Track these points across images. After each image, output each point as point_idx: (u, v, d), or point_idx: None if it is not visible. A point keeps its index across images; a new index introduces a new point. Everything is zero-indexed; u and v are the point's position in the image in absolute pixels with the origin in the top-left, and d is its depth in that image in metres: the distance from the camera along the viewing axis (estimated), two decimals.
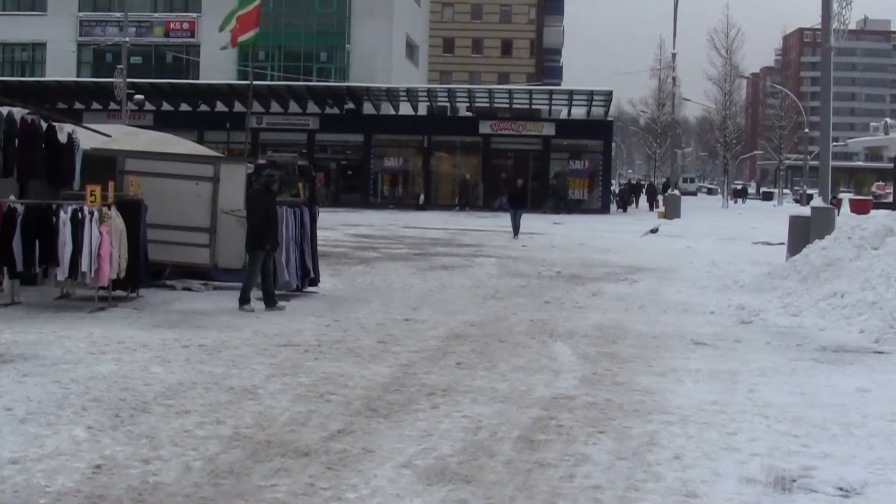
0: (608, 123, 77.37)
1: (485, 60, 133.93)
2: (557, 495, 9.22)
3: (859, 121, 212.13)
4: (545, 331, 18.73)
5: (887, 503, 9.33)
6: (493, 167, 72.71)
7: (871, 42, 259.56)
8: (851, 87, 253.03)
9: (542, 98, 76.50)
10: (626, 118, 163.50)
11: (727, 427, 11.79)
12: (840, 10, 31.67)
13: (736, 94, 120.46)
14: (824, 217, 29.16)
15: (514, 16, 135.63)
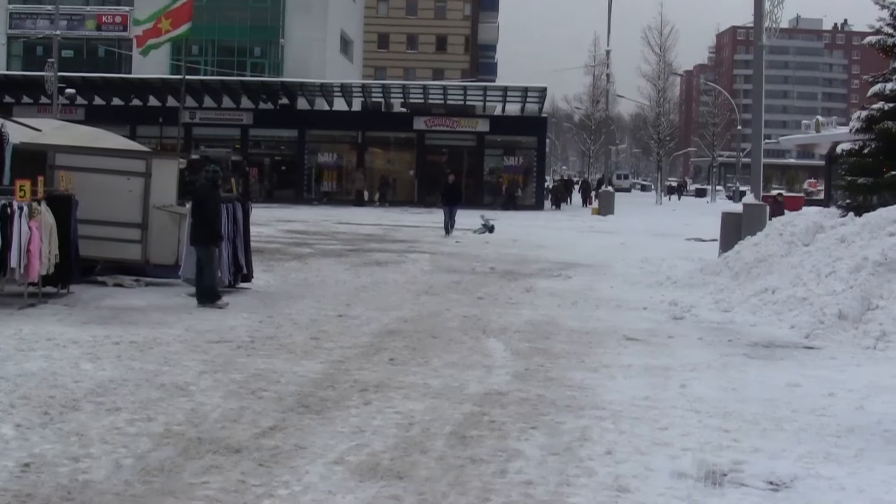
0: (542, 120, 77.58)
1: (419, 56, 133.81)
2: (490, 491, 9.23)
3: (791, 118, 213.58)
4: (478, 327, 18.76)
5: (816, 497, 9.42)
6: (427, 163, 72.69)
7: (803, 41, 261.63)
8: (784, 85, 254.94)
9: (477, 94, 76.52)
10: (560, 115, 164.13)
11: (659, 422, 11.86)
12: (772, 8, 31.95)
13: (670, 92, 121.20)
14: (756, 214, 29.40)
15: (448, 12, 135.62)
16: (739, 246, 25.94)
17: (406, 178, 73.68)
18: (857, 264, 20.42)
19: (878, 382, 14.78)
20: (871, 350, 17.42)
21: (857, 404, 13.33)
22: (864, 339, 18.03)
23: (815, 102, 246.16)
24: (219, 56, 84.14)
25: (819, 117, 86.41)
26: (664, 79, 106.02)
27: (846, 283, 19.99)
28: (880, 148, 36.32)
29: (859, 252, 20.95)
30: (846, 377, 15.08)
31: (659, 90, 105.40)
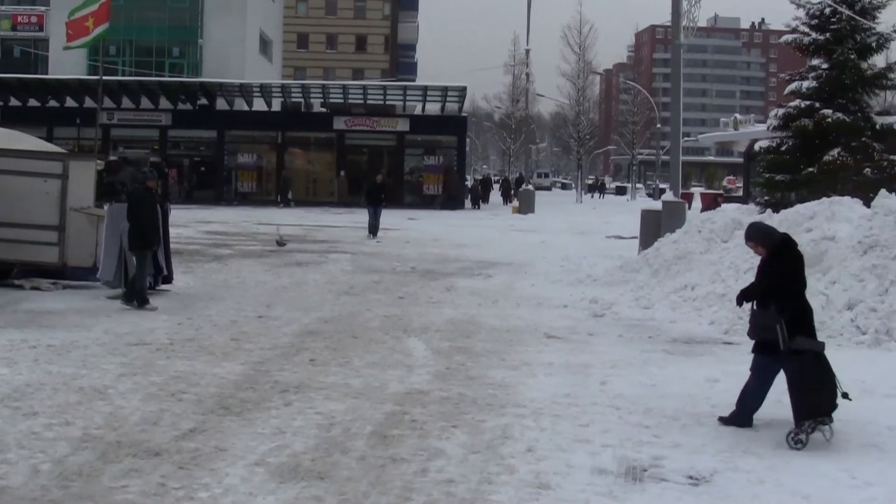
0: (462, 119, 77.59)
1: (339, 56, 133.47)
2: (411, 490, 9.25)
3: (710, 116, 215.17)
4: (399, 326, 18.77)
5: (735, 490, 9.53)
6: (348, 163, 72.50)
7: (721, 39, 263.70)
8: (702, 84, 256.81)
9: (397, 94, 76.43)
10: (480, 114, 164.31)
11: (579, 419, 11.94)
12: (690, 7, 32.18)
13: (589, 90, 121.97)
14: (675, 211, 29.60)
15: (368, 11, 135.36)
16: (659, 243, 26.10)
17: (326, 178, 73.42)
18: None
19: None
20: None
21: (776, 399, 13.40)
22: None
23: (734, 100, 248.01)
24: (137, 56, 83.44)
25: (737, 115, 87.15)
26: (584, 78, 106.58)
27: None
28: (797, 145, 36.76)
29: None
30: None
31: (578, 89, 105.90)
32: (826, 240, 20.64)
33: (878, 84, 38.11)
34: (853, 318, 18.26)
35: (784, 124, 37.61)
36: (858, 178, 34.49)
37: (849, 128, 35.92)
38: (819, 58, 37.72)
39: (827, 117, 35.47)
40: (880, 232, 19.95)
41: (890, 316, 17.94)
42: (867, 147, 36.01)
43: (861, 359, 16.43)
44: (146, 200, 20.69)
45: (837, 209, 22.19)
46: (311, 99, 77.14)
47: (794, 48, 39.14)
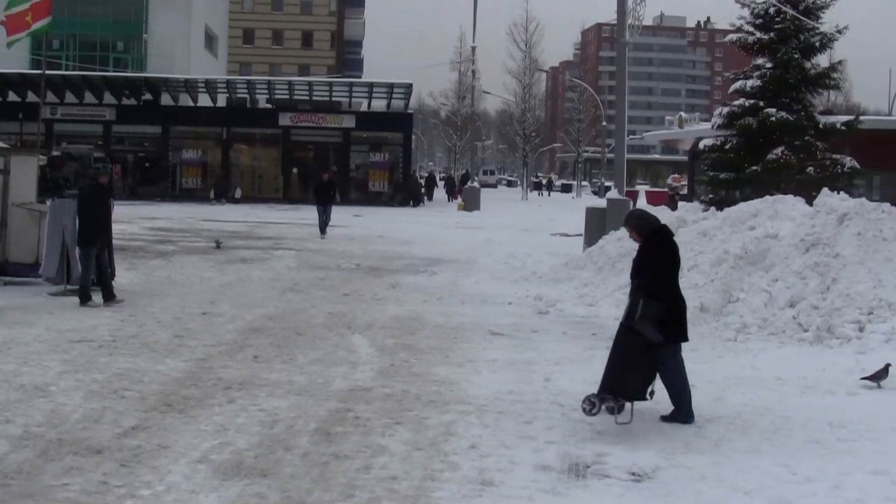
0: (408, 116, 77.52)
1: (285, 52, 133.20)
2: (354, 487, 9.24)
3: (656, 114, 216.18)
4: (343, 323, 18.74)
5: (677, 486, 9.58)
6: (293, 159, 72.26)
7: (667, 38, 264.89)
8: (648, 82, 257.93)
9: (343, 90, 76.25)
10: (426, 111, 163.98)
11: (523, 416, 11.97)
12: (635, 6, 32.29)
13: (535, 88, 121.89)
14: (620, 208, 29.68)
15: (314, 7, 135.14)
16: (603, 240, 26.19)
17: (272, 174, 73.14)
18: (718, 258, 20.75)
19: (738, 373, 15.11)
20: (732, 342, 17.76)
21: (718, 395, 13.58)
22: (725, 332, 18.35)
23: (679, 99, 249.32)
24: (80, 51, 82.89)
25: (682, 113, 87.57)
26: (530, 75, 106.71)
27: (708, 277, 20.31)
28: (741, 144, 37.04)
29: (721, 246, 21.30)
30: (707, 369, 15.35)
31: (525, 86, 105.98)
32: (769, 238, 20.78)
33: (822, 83, 38.48)
34: (795, 316, 18.39)
35: (728, 123, 37.89)
36: (802, 177, 34.81)
37: (792, 127, 36.23)
38: (763, 57, 38.02)
39: (771, 116, 35.76)
40: (822, 230, 20.11)
41: (831, 313, 18.07)
42: (810, 146, 36.34)
43: (802, 356, 16.60)
44: (97, 196, 20.55)
45: (780, 207, 22.35)
46: (257, 95, 76.86)
47: (738, 47, 39.43)
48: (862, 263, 19.08)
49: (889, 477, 9.99)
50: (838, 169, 36.43)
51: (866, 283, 18.56)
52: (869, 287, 18.47)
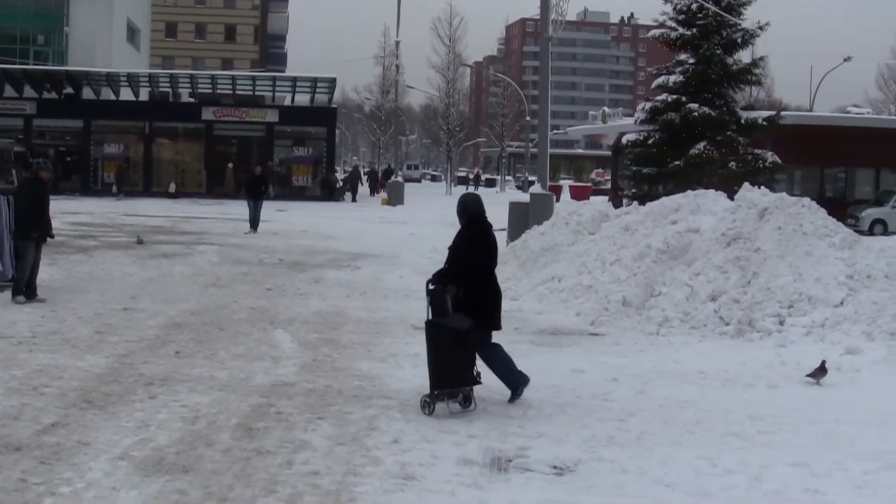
0: (332, 110, 77.27)
1: (208, 46, 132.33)
2: (276, 482, 9.21)
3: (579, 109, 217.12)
4: (266, 318, 18.66)
5: (599, 479, 9.63)
6: (216, 154, 71.83)
7: (591, 33, 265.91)
8: (572, 77, 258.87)
9: (266, 85, 75.91)
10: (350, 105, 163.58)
11: (446, 410, 11.94)
12: (558, 1, 32.41)
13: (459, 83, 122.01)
14: (543, 203, 29.80)
15: (238, 1, 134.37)
16: (526, 235, 26.25)
17: (194, 168, 72.63)
18: (640, 252, 20.88)
19: (660, 367, 15.21)
20: (654, 336, 17.89)
21: (640, 389, 13.67)
22: (647, 325, 18.48)
23: (603, 94, 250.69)
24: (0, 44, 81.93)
25: (605, 108, 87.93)
26: (454, 70, 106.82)
27: (630, 271, 20.44)
28: (664, 139, 37.35)
29: (643, 240, 21.42)
30: (629, 363, 15.47)
31: (449, 81, 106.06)
32: (691, 232, 20.92)
33: (744, 79, 38.93)
34: (716, 309, 18.55)
35: (651, 118, 38.20)
36: (724, 172, 35.15)
37: (714, 122, 36.61)
38: (686, 53, 38.41)
39: (693, 111, 36.11)
40: (743, 224, 20.29)
41: (752, 307, 18.24)
42: (732, 141, 36.74)
43: (724, 349, 16.76)
44: (31, 190, 20.36)
45: (702, 202, 22.51)
46: (180, 89, 76.33)
47: (661, 43, 39.79)
48: (782, 257, 19.27)
49: (808, 469, 10.11)
50: (760, 164, 36.85)
51: (786, 277, 18.75)
52: (789, 281, 18.66)
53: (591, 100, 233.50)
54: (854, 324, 17.63)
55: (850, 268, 19.13)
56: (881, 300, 18.05)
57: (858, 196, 57.16)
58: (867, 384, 14.58)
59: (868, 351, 16.39)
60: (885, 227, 49.31)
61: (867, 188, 58.38)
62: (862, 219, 50.67)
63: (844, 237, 20.19)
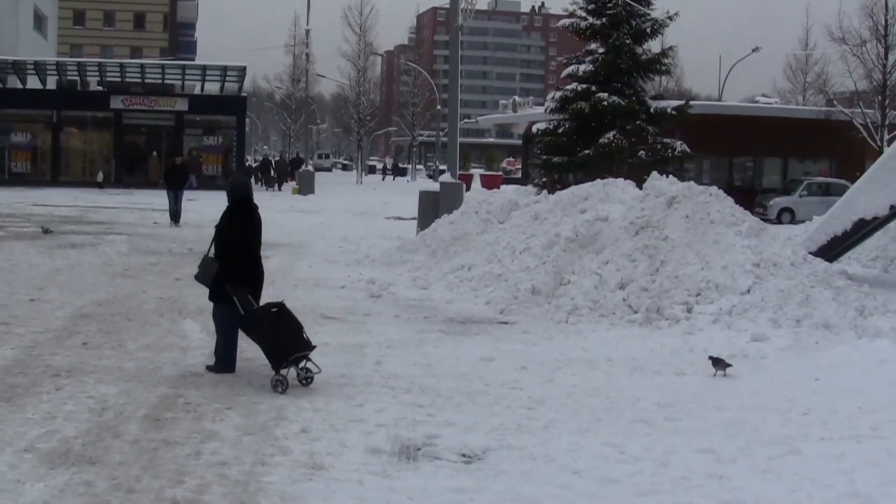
0: (242, 99, 76.79)
1: (117, 34, 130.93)
2: (184, 473, 9.18)
3: (491, 98, 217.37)
4: (175, 308, 18.55)
5: (507, 467, 9.68)
6: (125, 143, 71.15)
7: (502, 22, 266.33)
8: (483, 66, 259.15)
9: (176, 73, 75.28)
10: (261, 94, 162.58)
11: (354, 399, 12.00)
12: None
13: (370, 72, 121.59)
14: (453, 192, 29.85)
15: None
16: (437, 224, 26.30)
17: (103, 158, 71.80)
18: (549, 241, 20.99)
19: (569, 355, 15.32)
20: (563, 324, 18.01)
21: (548, 377, 13.75)
22: (556, 314, 18.59)
23: (514, 83, 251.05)
24: None
25: (516, 97, 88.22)
26: (364, 59, 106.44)
27: (539, 260, 20.54)
28: (574, 128, 37.54)
29: (552, 229, 21.53)
30: (538, 351, 15.57)
31: (359, 70, 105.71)
32: (600, 221, 21.06)
33: (653, 69, 39.25)
34: (625, 298, 18.71)
35: (561, 107, 38.37)
36: (633, 161, 35.38)
37: (624, 111, 36.85)
38: (596, 42, 38.65)
39: (603, 100, 36.31)
40: (651, 213, 20.45)
41: (660, 295, 18.41)
42: (642, 130, 37.00)
43: (632, 337, 16.93)
44: None
45: (611, 190, 22.67)
46: (88, 77, 75.53)
47: (571, 32, 39.96)
48: (690, 246, 19.46)
49: (714, 455, 10.24)
50: (669, 153, 37.15)
51: (694, 265, 18.94)
52: (697, 269, 18.85)
53: (502, 89, 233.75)
54: (761, 311, 17.85)
55: (757, 256, 19.34)
56: (787, 288, 18.28)
57: (766, 185, 57.83)
58: (773, 371, 14.81)
59: (774, 338, 16.63)
60: (793, 215, 49.91)
61: (775, 177, 59.06)
62: (770, 207, 51.27)
63: (751, 225, 20.42)
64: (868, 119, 53.05)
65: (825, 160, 59.82)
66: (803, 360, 15.54)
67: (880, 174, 23.07)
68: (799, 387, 13.73)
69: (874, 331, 17.03)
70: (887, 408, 12.50)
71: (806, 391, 13.49)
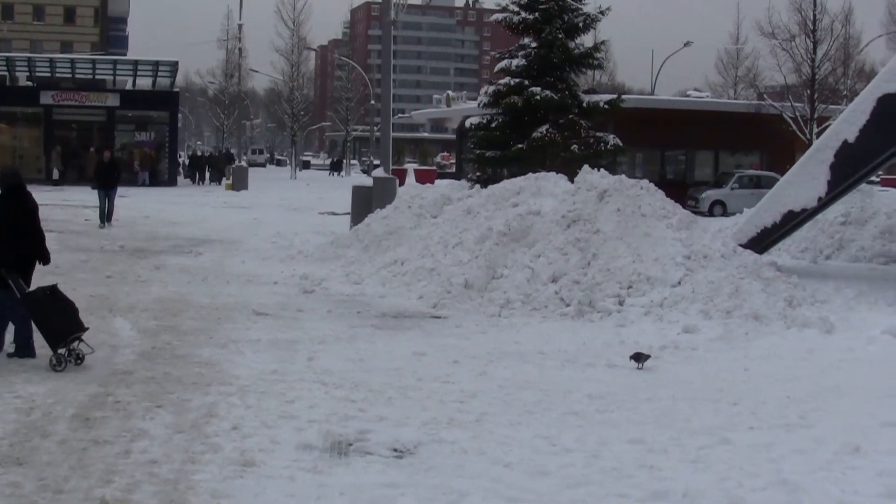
0: (174, 94, 76.29)
1: (47, 28, 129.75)
2: (113, 472, 9.11)
3: (425, 93, 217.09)
4: (105, 306, 18.36)
5: (439, 461, 9.68)
6: (55, 139, 70.48)
7: (436, 17, 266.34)
8: (417, 61, 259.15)
9: (107, 68, 74.69)
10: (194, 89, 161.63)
11: (286, 395, 11.95)
12: None
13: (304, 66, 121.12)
14: (386, 187, 29.80)
15: None
16: (370, 219, 26.25)
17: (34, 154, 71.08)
18: (482, 235, 21.00)
19: (501, 348, 15.35)
20: (496, 318, 18.04)
21: (481, 370, 13.77)
22: (489, 307, 18.61)
23: (448, 77, 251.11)
24: None
25: (450, 92, 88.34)
26: (298, 53, 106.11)
27: (472, 254, 20.55)
28: (507, 122, 37.62)
29: (485, 223, 21.54)
30: (471, 344, 15.59)
31: (293, 65, 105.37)
32: (532, 214, 21.11)
33: (586, 63, 39.44)
34: (557, 291, 18.77)
35: (494, 101, 38.42)
36: (567, 154, 35.51)
37: (557, 105, 36.94)
38: (529, 37, 38.72)
39: (536, 95, 36.38)
40: (583, 206, 20.52)
41: (592, 288, 18.49)
42: (574, 124, 37.10)
43: (564, 329, 17.01)
44: None
45: (543, 184, 22.73)
46: (17, 72, 74.78)
47: (504, 27, 40.01)
48: (621, 239, 19.56)
49: (645, 445, 10.30)
50: (602, 146, 37.35)
51: (625, 258, 19.05)
52: (628, 262, 18.95)
53: (436, 83, 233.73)
54: (691, 303, 17.99)
55: (688, 248, 19.48)
56: (717, 279, 18.43)
57: (698, 178, 58.16)
58: (703, 361, 14.95)
59: (705, 329, 16.78)
60: (725, 208, 50.22)
61: (707, 170, 59.41)
62: (702, 200, 51.57)
63: (682, 218, 20.56)
64: (797, 112, 53.45)
65: (756, 153, 60.25)
66: (733, 350, 15.69)
67: (809, 167, 23.21)
68: (729, 377, 13.86)
69: (803, 321, 17.22)
70: (815, 397, 12.66)
71: (736, 381, 13.63)
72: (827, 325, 16.97)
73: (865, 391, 13.02)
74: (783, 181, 24.37)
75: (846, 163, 22.56)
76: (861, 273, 24.84)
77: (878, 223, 29.02)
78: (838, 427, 11.10)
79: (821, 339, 16.30)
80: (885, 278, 23.64)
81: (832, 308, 18.75)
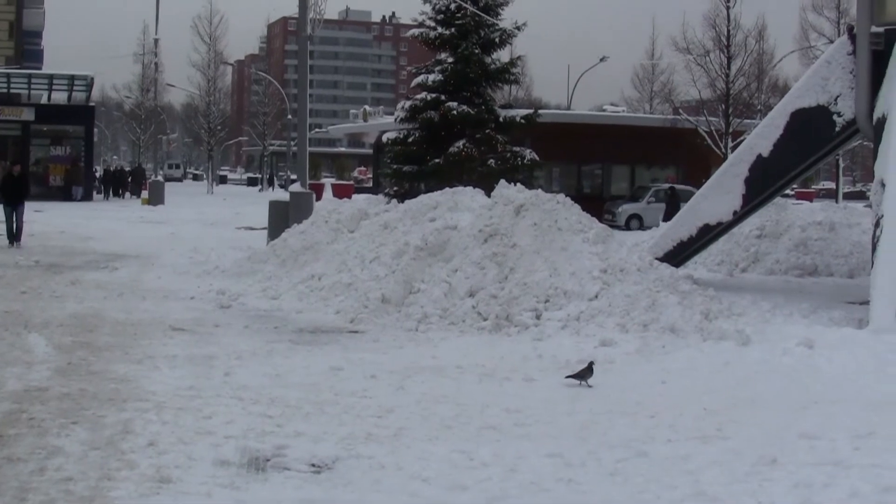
0: (90, 108, 75.75)
1: None
2: (27, 490, 9.00)
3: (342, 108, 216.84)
4: (20, 322, 18.14)
5: (356, 476, 9.68)
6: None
7: (353, 32, 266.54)
8: (335, 76, 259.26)
9: (21, 82, 73.98)
10: (110, 103, 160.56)
11: (202, 411, 11.88)
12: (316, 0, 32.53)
13: (221, 81, 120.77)
14: (303, 202, 29.79)
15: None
16: (287, 234, 26.21)
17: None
18: (399, 249, 21.04)
19: (419, 363, 15.37)
20: (413, 332, 18.07)
21: (398, 385, 13.78)
22: (406, 322, 18.65)
23: (365, 92, 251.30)
24: None
25: (366, 107, 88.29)
26: (214, 68, 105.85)
27: (389, 268, 20.58)
28: (424, 137, 37.76)
29: (402, 237, 21.59)
30: (388, 359, 15.60)
31: (209, 80, 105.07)
32: (449, 229, 21.16)
33: (502, 78, 39.72)
34: (475, 305, 18.82)
35: (411, 116, 38.55)
36: (483, 169, 35.70)
37: (473, 120, 37.14)
38: (445, 52, 38.90)
39: (452, 109, 36.56)
40: (500, 221, 20.60)
41: (509, 302, 18.55)
42: (491, 139, 37.32)
43: (482, 344, 17.04)
44: None
45: (460, 199, 22.81)
46: None
47: (421, 42, 40.20)
48: (538, 253, 19.65)
49: (562, 459, 10.33)
50: (519, 161, 37.59)
51: (542, 272, 19.13)
52: (545, 276, 19.03)
53: (353, 98, 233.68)
54: (608, 316, 18.09)
55: (604, 262, 19.60)
56: (634, 293, 18.56)
57: (615, 192, 58.62)
58: (621, 375, 15.01)
59: (622, 343, 16.88)
60: (641, 222, 50.66)
61: (623, 184, 59.87)
62: (619, 214, 51.99)
63: (598, 232, 20.68)
64: (713, 127, 54.05)
65: (672, 167, 60.81)
66: (650, 363, 15.79)
67: (724, 180, 23.51)
68: (646, 390, 13.95)
69: (719, 333, 17.37)
70: (732, 409, 12.78)
71: (653, 394, 13.71)
72: (743, 338, 17.12)
73: (781, 403, 13.17)
74: (698, 195, 24.67)
75: (761, 177, 22.88)
76: (776, 285, 25.16)
77: (792, 236, 29.47)
78: (755, 439, 11.22)
79: (737, 352, 16.45)
80: (799, 290, 23.97)
81: (748, 320, 18.96)
